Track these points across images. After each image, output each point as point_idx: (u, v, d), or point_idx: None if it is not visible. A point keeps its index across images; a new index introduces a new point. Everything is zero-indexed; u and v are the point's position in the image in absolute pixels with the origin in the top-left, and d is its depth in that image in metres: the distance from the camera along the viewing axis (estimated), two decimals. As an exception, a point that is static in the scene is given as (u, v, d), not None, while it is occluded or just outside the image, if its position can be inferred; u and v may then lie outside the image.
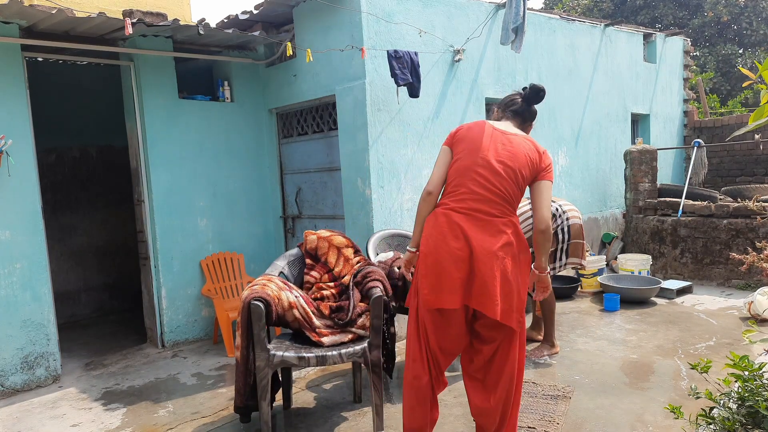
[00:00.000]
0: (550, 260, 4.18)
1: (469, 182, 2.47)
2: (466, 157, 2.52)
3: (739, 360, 2.05)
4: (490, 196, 2.45)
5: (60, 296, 5.87)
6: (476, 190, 2.45)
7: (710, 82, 13.88)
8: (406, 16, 4.80)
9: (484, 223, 2.43)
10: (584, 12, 15.70)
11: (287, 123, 5.55)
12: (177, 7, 6.63)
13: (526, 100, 2.71)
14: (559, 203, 4.29)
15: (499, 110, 2.82)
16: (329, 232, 3.67)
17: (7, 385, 4.02)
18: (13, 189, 4.03)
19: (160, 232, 4.85)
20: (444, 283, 2.41)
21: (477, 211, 2.44)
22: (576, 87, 6.63)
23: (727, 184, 8.08)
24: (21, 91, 4.08)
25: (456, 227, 2.42)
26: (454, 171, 2.54)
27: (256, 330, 2.93)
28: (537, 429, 3.06)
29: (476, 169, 2.48)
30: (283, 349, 3.01)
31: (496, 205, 2.46)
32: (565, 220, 4.17)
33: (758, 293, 4.80)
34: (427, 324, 2.53)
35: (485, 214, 2.44)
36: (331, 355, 3.00)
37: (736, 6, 14.49)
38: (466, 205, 2.45)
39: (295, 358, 2.98)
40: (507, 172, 2.47)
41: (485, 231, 2.42)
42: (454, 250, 2.40)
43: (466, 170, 2.49)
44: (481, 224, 2.42)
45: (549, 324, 4.26)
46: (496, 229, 2.43)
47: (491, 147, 2.51)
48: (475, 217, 2.43)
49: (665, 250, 6.53)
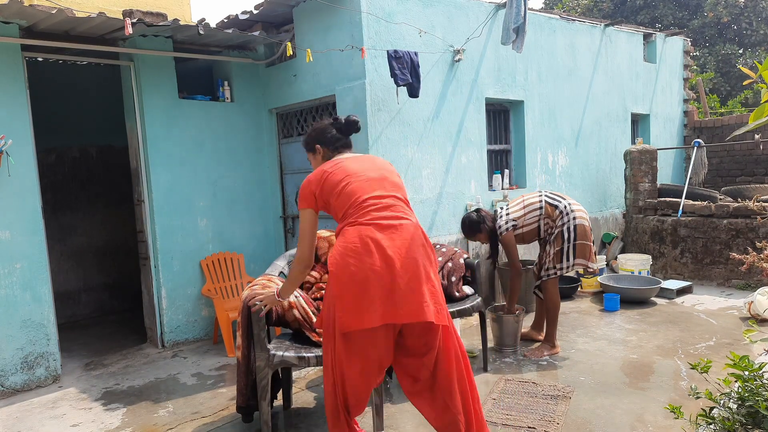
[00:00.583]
0: (557, 260, 4.16)
1: (364, 198, 2.38)
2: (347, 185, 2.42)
3: (739, 360, 2.05)
4: (389, 201, 2.40)
5: (60, 296, 5.87)
6: (374, 201, 2.38)
7: (710, 83, 13.88)
8: (406, 16, 4.80)
9: (393, 228, 2.31)
10: (584, 12, 15.70)
11: (287, 123, 5.55)
12: (177, 7, 6.63)
13: (340, 131, 2.73)
14: (569, 201, 4.25)
15: (325, 148, 2.75)
16: (329, 232, 3.65)
17: (7, 385, 4.02)
18: (13, 189, 4.03)
19: (160, 232, 4.85)
20: (363, 301, 2.23)
21: (383, 219, 2.33)
22: (576, 87, 6.63)
23: (727, 184, 8.08)
24: (21, 91, 4.08)
25: (368, 240, 2.27)
26: (341, 201, 2.41)
27: (256, 330, 2.95)
28: (537, 429, 3.06)
29: (363, 186, 2.42)
30: (283, 349, 3.03)
31: (398, 208, 2.40)
32: (572, 219, 4.14)
33: (758, 293, 4.80)
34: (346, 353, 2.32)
35: (392, 219, 2.35)
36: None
37: (735, 6, 14.50)
38: (371, 216, 2.34)
39: (295, 358, 2.98)
40: (386, 176, 2.50)
41: (398, 236, 2.30)
42: (370, 264, 2.23)
43: (356, 191, 2.40)
44: (391, 230, 2.31)
45: (551, 324, 4.26)
46: (407, 231, 2.33)
47: (359, 167, 2.50)
48: (383, 225, 2.31)
49: (665, 250, 6.53)
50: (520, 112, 6.02)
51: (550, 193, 4.33)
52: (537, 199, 4.30)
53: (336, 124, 2.74)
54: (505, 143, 6.13)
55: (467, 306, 3.87)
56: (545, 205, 4.24)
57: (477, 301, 3.93)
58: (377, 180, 2.46)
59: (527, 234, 4.30)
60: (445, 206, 5.22)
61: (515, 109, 6.07)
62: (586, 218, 4.20)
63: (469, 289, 4.07)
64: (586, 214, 4.24)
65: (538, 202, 4.27)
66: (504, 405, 3.38)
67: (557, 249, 4.16)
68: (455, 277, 3.99)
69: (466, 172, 5.40)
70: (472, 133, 5.44)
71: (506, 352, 4.33)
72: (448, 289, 3.93)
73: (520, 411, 3.29)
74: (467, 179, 5.41)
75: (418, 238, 2.34)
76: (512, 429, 3.09)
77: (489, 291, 5.63)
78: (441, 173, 5.16)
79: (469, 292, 4.05)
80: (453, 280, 3.97)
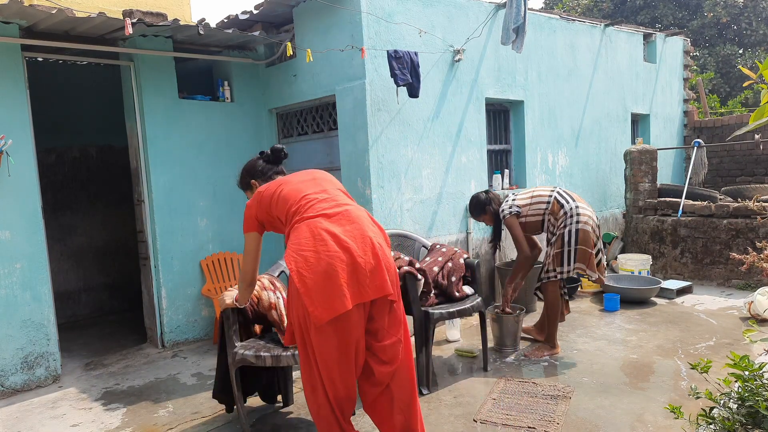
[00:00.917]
0: (557, 262, 4.11)
1: (302, 196, 2.48)
2: (282, 191, 2.53)
3: (739, 360, 2.05)
4: (326, 195, 2.50)
5: (60, 296, 5.87)
6: (313, 196, 2.48)
7: (710, 83, 13.89)
8: (406, 16, 4.80)
9: (339, 215, 2.40)
10: (584, 12, 15.70)
11: (287, 123, 5.55)
12: (177, 7, 6.63)
13: (269, 161, 2.93)
14: (578, 204, 4.16)
15: (259, 181, 2.92)
16: None
17: (7, 385, 4.02)
18: (13, 189, 4.03)
19: (160, 232, 4.85)
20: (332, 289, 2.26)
21: (327, 209, 2.41)
22: (576, 87, 6.63)
23: (727, 184, 8.08)
24: (21, 91, 4.08)
25: (319, 230, 2.33)
26: (280, 206, 2.51)
27: (226, 328, 3.10)
28: (537, 429, 3.06)
29: (298, 187, 2.54)
30: (246, 348, 3.09)
31: (337, 197, 2.50)
32: (575, 223, 4.07)
33: (758, 293, 4.80)
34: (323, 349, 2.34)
35: (335, 206, 2.43)
36: (284, 355, 3.01)
37: (735, 7, 14.50)
38: (314, 209, 2.41)
39: (253, 357, 3.04)
40: (316, 177, 2.65)
41: (346, 221, 2.38)
42: (326, 253, 2.28)
43: (292, 193, 2.51)
44: (338, 217, 2.39)
45: (551, 325, 4.24)
46: (353, 215, 2.42)
47: (290, 177, 2.67)
48: (328, 214, 2.39)
49: (665, 250, 6.53)
50: (520, 112, 6.02)
51: (563, 191, 4.25)
52: (547, 193, 4.25)
53: (263, 157, 2.96)
54: (505, 143, 6.13)
55: (467, 306, 3.86)
56: (553, 201, 4.19)
57: (477, 301, 3.93)
58: (309, 181, 2.60)
59: (529, 224, 4.26)
60: (445, 206, 5.22)
61: (515, 109, 6.07)
62: (591, 224, 4.09)
63: (469, 289, 4.06)
64: (593, 220, 4.13)
65: (547, 197, 4.23)
66: (504, 405, 3.38)
67: (557, 251, 4.12)
68: (455, 277, 3.98)
69: (466, 172, 5.40)
70: (472, 133, 5.44)
71: (506, 352, 4.33)
72: (448, 289, 3.93)
73: (520, 411, 3.29)
74: (467, 179, 5.41)
75: (365, 218, 2.44)
76: (512, 429, 3.09)
77: (489, 291, 5.63)
78: (441, 173, 5.16)
79: (469, 292, 4.04)
80: (453, 280, 3.96)
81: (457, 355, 4.35)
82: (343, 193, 2.60)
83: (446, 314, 3.76)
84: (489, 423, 3.17)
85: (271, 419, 3.42)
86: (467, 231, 5.41)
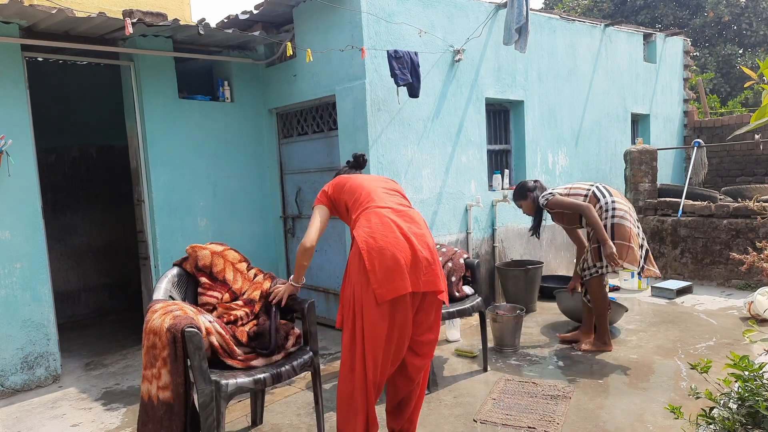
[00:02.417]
0: (596, 257, 4.08)
1: (373, 189, 2.80)
2: (352, 183, 2.88)
3: (739, 360, 2.04)
4: (394, 194, 2.84)
5: (60, 296, 5.87)
6: (383, 192, 2.80)
7: (710, 83, 13.88)
8: (406, 16, 4.80)
9: (404, 213, 2.69)
10: (584, 12, 15.70)
11: (287, 123, 5.55)
12: (177, 7, 6.64)
13: (354, 167, 3.26)
14: (614, 198, 4.11)
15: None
16: (221, 246, 3.28)
17: (7, 385, 4.02)
18: (13, 189, 4.03)
19: (160, 232, 4.85)
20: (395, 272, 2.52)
21: (396, 204, 2.74)
22: (576, 87, 6.63)
23: (727, 184, 8.08)
24: (21, 91, 4.08)
25: (388, 220, 2.60)
26: (348, 194, 2.84)
27: (196, 361, 2.48)
28: (537, 429, 3.06)
29: (368, 182, 2.88)
30: (226, 377, 2.58)
31: (403, 199, 2.85)
32: (610, 218, 4.03)
33: (758, 293, 4.80)
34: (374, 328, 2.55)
35: (401, 205, 2.76)
36: (285, 370, 2.78)
37: (736, 6, 14.50)
38: (384, 202, 2.72)
39: (250, 382, 2.63)
40: (384, 178, 3.00)
41: (410, 219, 2.67)
42: (394, 240, 2.55)
43: (363, 185, 2.84)
44: (403, 213, 2.68)
45: (601, 323, 4.20)
46: (416, 215, 2.73)
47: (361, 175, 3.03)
48: (396, 209, 2.69)
49: (665, 250, 6.53)
50: (520, 112, 6.02)
51: (602, 186, 4.21)
52: (586, 187, 4.21)
53: (348, 164, 3.31)
54: (505, 143, 6.13)
55: (467, 306, 3.85)
56: (591, 195, 4.15)
57: (477, 301, 3.92)
58: (380, 180, 2.95)
59: (566, 216, 4.21)
60: (445, 206, 5.22)
61: (515, 109, 6.07)
62: (629, 218, 4.05)
63: (469, 289, 4.05)
64: (630, 214, 4.09)
65: (585, 190, 4.19)
66: (504, 405, 3.39)
67: (595, 246, 4.08)
68: (455, 277, 3.97)
69: (466, 172, 5.40)
70: (472, 133, 5.44)
71: (507, 352, 4.33)
72: (448, 289, 3.91)
73: (520, 411, 3.29)
74: (467, 179, 5.41)
75: (422, 221, 2.72)
76: (512, 429, 3.09)
77: (489, 291, 5.63)
78: (441, 173, 5.16)
79: (469, 292, 4.03)
80: (453, 280, 3.95)
81: (457, 355, 4.35)
82: (404, 198, 2.90)
83: (445, 314, 3.70)
84: (489, 423, 3.17)
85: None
86: (467, 231, 5.41)
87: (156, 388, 2.55)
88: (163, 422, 2.52)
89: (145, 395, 2.61)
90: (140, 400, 2.66)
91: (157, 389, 2.55)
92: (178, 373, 2.50)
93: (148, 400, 2.59)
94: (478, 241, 5.52)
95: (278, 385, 3.70)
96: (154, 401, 2.55)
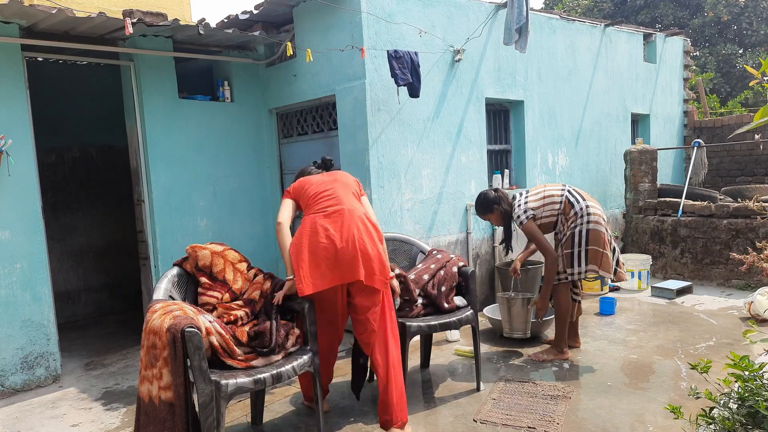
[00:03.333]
0: (568, 263, 3.99)
1: (315, 193, 3.15)
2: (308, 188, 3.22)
3: (739, 360, 2.04)
4: (332, 194, 3.13)
5: (60, 296, 5.87)
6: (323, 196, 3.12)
7: (710, 83, 13.88)
8: (406, 16, 4.80)
9: (336, 213, 3.02)
10: (584, 12, 15.70)
11: (287, 123, 5.55)
12: (177, 7, 6.64)
13: (321, 167, 3.52)
14: (587, 202, 4.02)
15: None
16: (221, 246, 3.27)
17: (7, 385, 4.02)
18: (13, 189, 4.03)
19: (160, 232, 4.85)
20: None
21: (327, 207, 3.06)
22: (576, 87, 6.63)
23: (727, 184, 8.08)
24: (21, 91, 4.08)
25: (316, 225, 2.99)
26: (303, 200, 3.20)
27: (196, 361, 2.48)
28: (537, 429, 3.06)
29: (316, 186, 3.21)
30: (226, 377, 2.59)
31: (340, 199, 3.10)
32: (585, 223, 3.95)
33: (758, 293, 4.80)
34: None
35: (334, 205, 3.06)
36: (285, 370, 2.77)
37: (736, 6, 14.50)
38: (318, 207, 3.07)
39: (250, 382, 2.63)
40: (337, 178, 3.29)
41: (339, 219, 3.00)
42: (316, 242, 2.96)
43: (311, 190, 3.19)
44: (334, 215, 3.02)
45: (560, 328, 4.10)
46: (344, 216, 3.02)
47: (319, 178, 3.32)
48: (327, 212, 3.03)
49: (665, 250, 6.53)
50: (520, 112, 6.02)
51: (573, 190, 4.11)
52: (558, 192, 4.09)
53: (314, 164, 3.57)
54: (505, 143, 6.13)
55: (452, 320, 3.54)
56: (565, 201, 4.05)
57: (467, 314, 3.60)
58: (329, 181, 3.24)
59: (543, 226, 4.10)
60: (445, 206, 5.22)
61: (515, 109, 6.07)
62: (603, 223, 3.99)
63: (461, 300, 3.73)
64: (603, 219, 4.02)
65: (558, 197, 4.07)
66: (504, 405, 3.38)
67: (567, 252, 3.99)
68: (445, 287, 3.65)
69: (466, 172, 5.40)
70: (472, 133, 5.44)
71: (517, 338, 4.42)
72: (436, 300, 3.61)
73: (520, 411, 3.29)
74: (467, 179, 5.41)
75: (354, 219, 3.02)
76: (512, 429, 3.09)
77: (489, 291, 5.63)
78: (441, 173, 5.16)
79: (461, 303, 3.71)
80: (443, 290, 3.63)
81: (457, 355, 4.35)
82: (353, 195, 3.19)
83: (426, 327, 3.43)
84: (489, 423, 3.17)
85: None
86: (467, 231, 5.41)
87: (157, 389, 2.54)
88: (165, 423, 2.50)
89: (146, 396, 2.58)
90: (138, 402, 2.64)
91: (159, 389, 2.54)
92: (179, 374, 2.49)
93: (148, 402, 2.56)
94: (478, 241, 5.52)
95: (278, 385, 3.70)
96: (156, 402, 2.53)
